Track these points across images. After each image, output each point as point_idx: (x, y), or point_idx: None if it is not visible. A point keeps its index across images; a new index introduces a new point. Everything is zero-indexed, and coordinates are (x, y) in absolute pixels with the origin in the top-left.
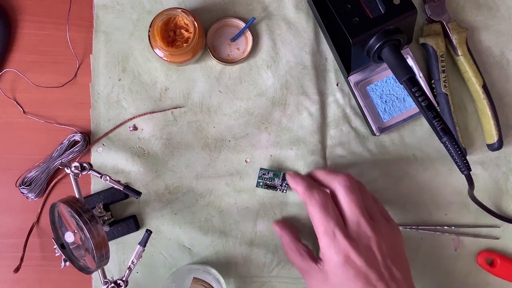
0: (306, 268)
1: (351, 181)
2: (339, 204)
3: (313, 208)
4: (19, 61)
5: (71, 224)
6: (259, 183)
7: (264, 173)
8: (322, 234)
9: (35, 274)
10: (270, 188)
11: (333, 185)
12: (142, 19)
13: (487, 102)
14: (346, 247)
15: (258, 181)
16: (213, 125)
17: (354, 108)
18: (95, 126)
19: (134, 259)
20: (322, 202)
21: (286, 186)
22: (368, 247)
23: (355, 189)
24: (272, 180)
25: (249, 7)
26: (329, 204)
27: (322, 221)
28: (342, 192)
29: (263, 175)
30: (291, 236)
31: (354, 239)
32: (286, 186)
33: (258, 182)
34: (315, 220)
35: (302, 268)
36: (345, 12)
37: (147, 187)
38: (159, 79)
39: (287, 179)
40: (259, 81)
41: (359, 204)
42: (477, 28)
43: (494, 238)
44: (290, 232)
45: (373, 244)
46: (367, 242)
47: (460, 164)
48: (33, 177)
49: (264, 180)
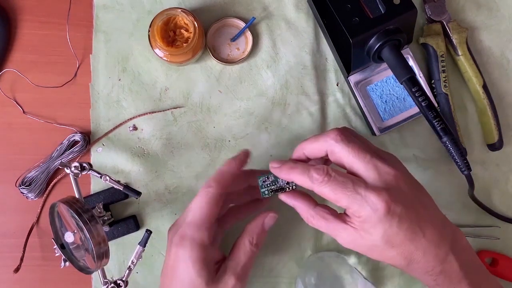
0: (335, 231)
1: (343, 132)
2: (344, 161)
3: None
4: (19, 61)
5: (71, 224)
6: (264, 192)
7: (264, 180)
8: (348, 204)
9: (35, 274)
10: (278, 192)
11: (328, 147)
12: (142, 19)
13: (487, 102)
14: (378, 200)
15: (263, 191)
16: (213, 125)
17: (354, 108)
18: (95, 126)
19: (134, 259)
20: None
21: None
22: (397, 188)
23: (351, 137)
24: (275, 183)
25: (249, 7)
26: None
27: (339, 194)
28: (341, 148)
29: (264, 182)
30: (307, 203)
31: (381, 187)
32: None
33: (263, 192)
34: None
35: (331, 231)
36: (345, 12)
37: (147, 187)
38: (159, 79)
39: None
40: (259, 81)
41: (364, 149)
42: (477, 28)
43: (494, 238)
44: (304, 199)
45: (400, 182)
46: (394, 183)
47: (460, 164)
48: (33, 177)
49: (268, 187)
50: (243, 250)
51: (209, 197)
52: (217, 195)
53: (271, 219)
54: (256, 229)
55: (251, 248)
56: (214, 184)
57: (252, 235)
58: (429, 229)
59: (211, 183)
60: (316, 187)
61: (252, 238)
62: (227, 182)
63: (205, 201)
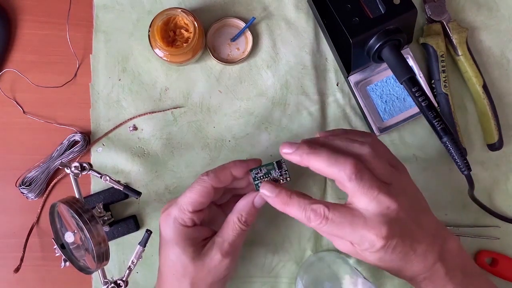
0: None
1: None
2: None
3: (319, 228)
4: (19, 61)
5: (71, 224)
6: (258, 185)
7: (256, 172)
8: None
9: (35, 274)
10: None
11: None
12: (142, 19)
13: (487, 102)
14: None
15: (256, 183)
16: (213, 125)
17: (354, 108)
18: (95, 126)
19: (134, 259)
20: (324, 222)
21: (287, 172)
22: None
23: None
24: (269, 175)
25: (249, 7)
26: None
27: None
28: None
29: (257, 174)
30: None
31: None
32: (286, 173)
33: (257, 185)
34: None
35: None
36: (345, 12)
37: (147, 187)
38: (159, 79)
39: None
40: (259, 81)
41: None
42: (477, 28)
43: (494, 238)
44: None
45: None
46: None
47: (460, 164)
48: (33, 177)
49: (261, 180)
50: (231, 227)
51: (201, 187)
52: (209, 188)
53: (260, 198)
54: (246, 207)
55: (240, 225)
56: (212, 176)
57: (241, 212)
58: (421, 245)
59: (210, 174)
60: (312, 226)
61: (241, 215)
62: (226, 180)
63: (197, 189)
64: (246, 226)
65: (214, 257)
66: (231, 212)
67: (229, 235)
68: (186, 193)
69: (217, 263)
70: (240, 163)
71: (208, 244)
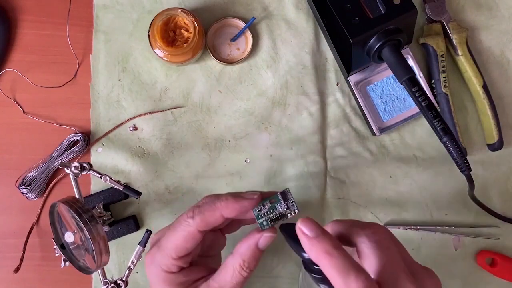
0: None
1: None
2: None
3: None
4: (19, 61)
5: (71, 224)
6: (263, 223)
7: (259, 209)
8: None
9: (35, 274)
10: (279, 220)
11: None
12: (142, 19)
13: (487, 102)
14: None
15: (260, 222)
16: (213, 125)
17: (354, 108)
18: (95, 126)
19: (134, 259)
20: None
21: (294, 204)
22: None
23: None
24: (274, 210)
25: (249, 7)
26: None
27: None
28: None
29: (260, 211)
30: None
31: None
32: (294, 204)
33: (261, 224)
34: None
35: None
36: (345, 12)
37: (147, 187)
38: (159, 79)
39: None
40: (259, 81)
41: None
42: (477, 28)
43: (494, 238)
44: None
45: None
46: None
47: (460, 164)
48: (33, 177)
49: (266, 216)
50: (231, 273)
51: (185, 232)
52: (195, 233)
53: (266, 239)
54: (248, 251)
55: (242, 272)
56: (198, 220)
57: (243, 257)
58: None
59: (196, 216)
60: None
61: (243, 261)
62: (215, 222)
63: (180, 235)
64: (248, 272)
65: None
66: (230, 255)
67: (228, 282)
68: (170, 236)
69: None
70: (233, 202)
71: (202, 287)
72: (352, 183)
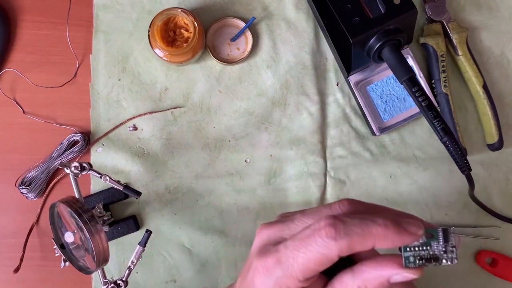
0: None
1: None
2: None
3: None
4: (19, 61)
5: (71, 224)
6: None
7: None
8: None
9: (35, 274)
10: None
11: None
12: (142, 19)
13: (488, 102)
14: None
15: (406, 256)
16: (213, 125)
17: (354, 108)
18: (95, 126)
19: (134, 259)
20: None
21: (454, 250)
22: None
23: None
24: (427, 248)
25: (249, 7)
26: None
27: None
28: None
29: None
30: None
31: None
32: (453, 251)
33: (407, 258)
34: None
35: None
36: (345, 12)
37: (147, 187)
38: (159, 79)
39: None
40: (259, 81)
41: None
42: (477, 28)
43: (494, 238)
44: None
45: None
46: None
47: (460, 164)
48: (33, 177)
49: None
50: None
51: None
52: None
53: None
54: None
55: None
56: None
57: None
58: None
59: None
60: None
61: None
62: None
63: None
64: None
65: None
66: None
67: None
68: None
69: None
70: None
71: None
72: (352, 183)
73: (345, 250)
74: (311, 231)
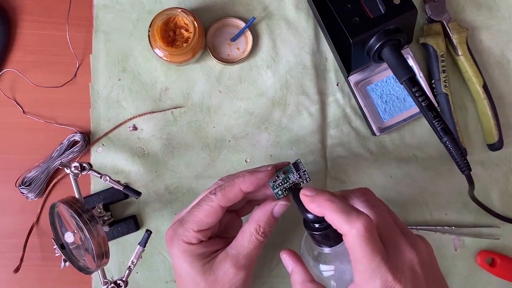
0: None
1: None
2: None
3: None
4: (19, 61)
5: (71, 224)
6: (278, 193)
7: (274, 180)
8: (365, 271)
9: (35, 274)
10: (292, 189)
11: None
12: (142, 19)
13: (488, 102)
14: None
15: (276, 191)
16: (213, 125)
17: (354, 108)
18: (95, 126)
19: (134, 259)
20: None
21: (305, 173)
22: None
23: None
24: (287, 180)
25: (249, 6)
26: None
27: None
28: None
29: (275, 182)
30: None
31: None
32: (305, 173)
33: (277, 193)
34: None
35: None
36: (345, 12)
37: (147, 187)
38: (159, 79)
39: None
40: (259, 81)
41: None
42: (477, 28)
43: (494, 238)
44: (304, 270)
45: (417, 267)
46: (410, 266)
47: (460, 164)
48: (33, 177)
49: (281, 186)
50: (248, 238)
51: (208, 207)
52: (217, 208)
53: (280, 207)
54: (264, 217)
55: (257, 236)
56: (220, 195)
57: (259, 223)
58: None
59: (218, 192)
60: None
61: (258, 226)
62: (235, 198)
63: (203, 209)
64: (264, 237)
65: (229, 271)
66: (247, 222)
67: (245, 247)
68: (193, 211)
69: (232, 277)
70: (250, 176)
71: (220, 256)
72: (352, 183)
73: (223, 199)
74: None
